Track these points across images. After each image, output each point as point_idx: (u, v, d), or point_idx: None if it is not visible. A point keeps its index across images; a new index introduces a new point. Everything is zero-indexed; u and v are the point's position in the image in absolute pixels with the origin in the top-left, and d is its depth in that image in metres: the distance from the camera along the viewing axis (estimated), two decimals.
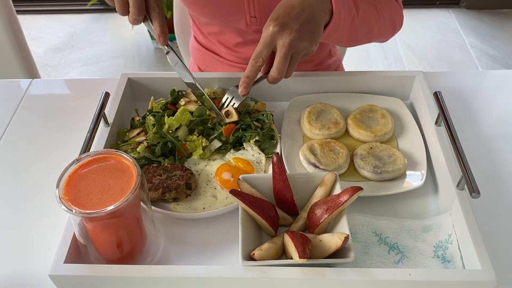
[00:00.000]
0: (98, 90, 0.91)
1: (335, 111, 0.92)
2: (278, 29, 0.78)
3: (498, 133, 0.93)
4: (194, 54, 1.24)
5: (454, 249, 0.70)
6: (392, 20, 1.00)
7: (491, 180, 0.84)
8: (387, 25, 0.99)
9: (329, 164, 0.82)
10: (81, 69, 2.65)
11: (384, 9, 0.97)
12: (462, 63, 2.62)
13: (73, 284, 0.67)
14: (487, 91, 1.05)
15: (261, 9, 0.97)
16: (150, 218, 0.72)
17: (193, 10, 1.06)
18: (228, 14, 1.00)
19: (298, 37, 0.78)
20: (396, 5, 1.01)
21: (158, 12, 0.80)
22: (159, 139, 0.85)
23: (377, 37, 1.01)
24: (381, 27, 0.98)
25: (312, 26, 0.80)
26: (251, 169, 0.82)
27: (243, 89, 0.83)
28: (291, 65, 0.81)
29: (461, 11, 2.99)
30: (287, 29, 0.78)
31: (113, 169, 0.65)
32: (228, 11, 0.99)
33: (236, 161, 0.84)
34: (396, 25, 1.02)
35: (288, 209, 0.74)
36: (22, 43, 1.96)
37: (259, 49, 0.80)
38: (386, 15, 0.97)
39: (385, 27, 0.99)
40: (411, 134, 0.89)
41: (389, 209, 0.79)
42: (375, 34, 0.98)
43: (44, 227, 0.79)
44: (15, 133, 0.97)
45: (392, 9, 0.99)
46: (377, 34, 0.98)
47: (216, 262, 0.72)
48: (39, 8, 3.04)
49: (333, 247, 0.64)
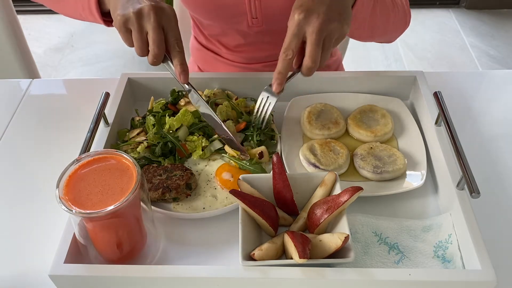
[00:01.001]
0: (98, 90, 0.91)
1: (335, 111, 0.92)
2: (304, 15, 0.73)
3: (498, 133, 0.93)
4: (194, 54, 1.24)
5: (454, 249, 0.70)
6: (403, 9, 0.97)
7: (491, 180, 0.84)
8: (401, 16, 0.96)
9: (329, 164, 0.82)
10: (81, 69, 2.65)
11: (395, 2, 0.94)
12: (462, 63, 2.62)
13: (73, 284, 0.67)
14: (487, 91, 1.05)
15: (262, 10, 0.97)
16: (150, 218, 0.72)
17: (195, 12, 1.06)
18: (230, 15, 1.00)
19: (327, 19, 0.73)
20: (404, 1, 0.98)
21: (178, 51, 0.77)
22: (159, 139, 0.85)
23: (392, 30, 0.98)
24: (396, 17, 0.95)
25: (340, 7, 0.75)
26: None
27: (277, 86, 0.78)
28: (325, 52, 0.75)
29: (461, 11, 2.98)
30: (314, 13, 0.73)
31: (113, 169, 0.65)
32: (229, 13, 0.99)
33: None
34: (406, 17, 0.99)
35: (288, 209, 0.74)
36: (22, 43, 1.96)
37: (288, 41, 0.74)
38: (399, 3, 0.95)
39: (399, 18, 0.96)
40: (411, 134, 0.89)
41: (389, 209, 0.79)
42: (390, 24, 0.95)
43: (44, 227, 0.79)
44: (15, 133, 0.97)
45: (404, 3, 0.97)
46: (392, 24, 0.95)
47: (216, 262, 0.72)
48: (39, 8, 3.04)
49: (333, 247, 0.64)
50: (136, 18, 0.75)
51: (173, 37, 0.77)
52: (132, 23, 0.76)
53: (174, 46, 0.77)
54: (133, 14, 0.75)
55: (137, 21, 0.75)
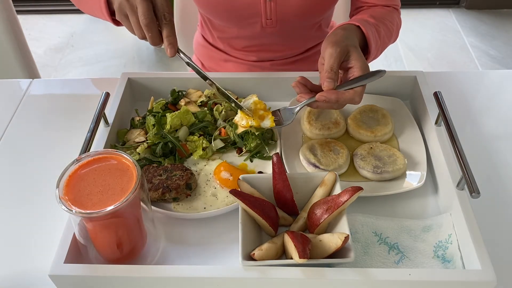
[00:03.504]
0: (98, 90, 0.91)
1: (335, 111, 0.92)
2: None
3: (498, 133, 0.93)
4: (198, 50, 1.24)
5: (454, 249, 0.70)
6: (397, 30, 1.02)
7: (491, 180, 0.84)
8: (394, 37, 1.02)
9: (329, 164, 0.81)
10: (81, 69, 2.65)
11: (392, 24, 0.99)
12: (462, 63, 2.62)
13: (73, 284, 0.67)
14: (487, 91, 1.05)
15: (278, 11, 0.98)
16: (150, 218, 0.72)
17: (207, 13, 1.06)
18: (244, 17, 1.01)
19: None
20: (398, 15, 1.04)
21: (165, 23, 0.78)
22: (159, 139, 0.85)
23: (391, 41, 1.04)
24: (391, 41, 1.01)
25: None
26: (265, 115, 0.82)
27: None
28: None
29: (461, 11, 2.98)
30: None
31: (113, 169, 0.65)
32: (244, 14, 1.00)
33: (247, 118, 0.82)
34: (399, 32, 1.05)
35: (288, 209, 0.74)
36: (22, 43, 1.96)
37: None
38: (394, 29, 1.00)
39: (393, 39, 1.02)
40: (411, 134, 0.89)
41: (389, 209, 0.79)
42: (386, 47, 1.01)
43: (44, 227, 0.79)
44: (15, 133, 0.97)
45: (397, 19, 1.02)
46: (387, 46, 1.01)
47: (216, 262, 0.72)
48: (39, 8, 3.04)
49: (333, 247, 0.64)
50: (126, 0, 0.78)
51: (160, 10, 0.77)
52: (125, 6, 0.78)
53: (161, 18, 0.78)
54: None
55: (127, 2, 0.77)
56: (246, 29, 1.04)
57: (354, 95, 0.77)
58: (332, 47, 0.79)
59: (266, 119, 0.82)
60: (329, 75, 0.77)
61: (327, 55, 0.79)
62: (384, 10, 1.00)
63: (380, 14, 0.98)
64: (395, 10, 1.03)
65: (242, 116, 0.82)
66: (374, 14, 0.97)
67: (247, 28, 1.04)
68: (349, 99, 0.77)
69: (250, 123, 0.81)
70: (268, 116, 0.82)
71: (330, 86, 0.77)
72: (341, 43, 0.79)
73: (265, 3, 0.97)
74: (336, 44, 0.79)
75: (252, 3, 0.98)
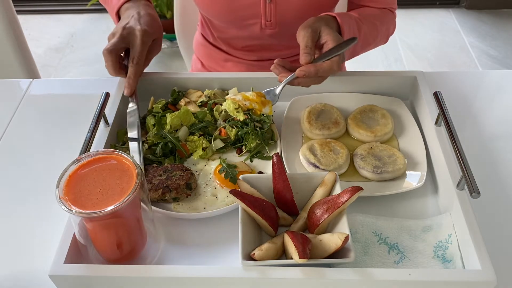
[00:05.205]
0: (98, 90, 0.91)
1: (335, 111, 0.92)
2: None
3: (498, 133, 0.93)
4: (198, 49, 1.24)
5: (454, 249, 0.70)
6: (387, 32, 1.05)
7: (491, 180, 0.84)
8: (382, 38, 1.05)
9: (329, 164, 0.81)
10: (81, 69, 2.65)
11: (382, 24, 1.01)
12: (462, 63, 2.62)
13: (73, 284, 0.67)
14: (487, 91, 1.05)
15: (277, 13, 0.98)
16: (150, 218, 0.72)
17: (207, 13, 1.06)
18: (244, 18, 1.01)
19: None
20: (392, 17, 1.05)
21: (132, 65, 0.88)
22: (159, 139, 0.85)
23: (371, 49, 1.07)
24: (377, 43, 1.04)
25: None
26: (266, 102, 0.86)
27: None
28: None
29: (461, 11, 2.98)
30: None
31: (113, 169, 0.65)
32: (243, 15, 1.00)
33: (246, 98, 0.86)
34: (389, 36, 1.08)
35: (288, 209, 0.74)
36: (22, 43, 1.96)
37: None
38: (383, 30, 1.02)
39: (380, 40, 1.05)
40: (411, 134, 0.89)
41: (389, 209, 0.79)
42: (370, 48, 1.04)
43: (44, 227, 0.79)
44: (15, 133, 0.97)
45: (390, 21, 1.04)
46: (372, 48, 1.05)
47: (216, 262, 0.72)
48: (39, 8, 3.04)
49: (333, 247, 0.64)
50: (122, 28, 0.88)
51: (133, 52, 0.88)
52: (117, 30, 0.89)
53: (131, 59, 0.88)
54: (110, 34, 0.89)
55: (122, 30, 0.88)
56: (245, 30, 1.05)
57: (332, 64, 0.81)
58: (303, 29, 0.84)
59: (266, 107, 0.86)
60: (305, 51, 0.82)
61: (300, 37, 0.84)
62: (377, 11, 1.01)
63: (369, 13, 0.99)
64: (390, 12, 1.03)
65: (236, 92, 0.88)
66: (362, 11, 0.99)
67: (246, 29, 1.04)
68: (328, 69, 0.81)
69: (250, 96, 0.86)
70: (269, 104, 0.86)
71: (307, 59, 0.82)
72: (312, 25, 0.85)
73: (265, 4, 0.97)
74: (307, 27, 0.84)
75: (252, 4, 0.98)
